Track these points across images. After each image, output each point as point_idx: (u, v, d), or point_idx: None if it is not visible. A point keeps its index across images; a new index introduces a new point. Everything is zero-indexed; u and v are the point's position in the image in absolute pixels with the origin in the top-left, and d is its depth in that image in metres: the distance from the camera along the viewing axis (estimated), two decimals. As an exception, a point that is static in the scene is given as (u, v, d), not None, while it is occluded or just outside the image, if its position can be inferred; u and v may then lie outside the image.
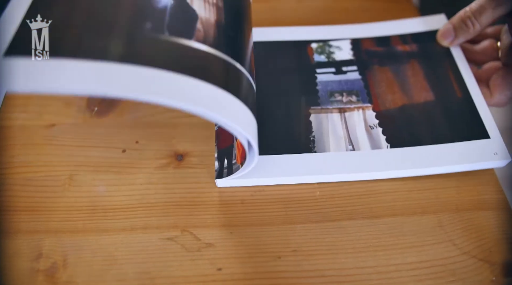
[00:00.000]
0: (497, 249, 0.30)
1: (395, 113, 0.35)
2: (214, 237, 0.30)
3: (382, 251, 0.30)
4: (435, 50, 0.39)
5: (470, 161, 0.32)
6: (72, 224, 0.30)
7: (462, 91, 0.36)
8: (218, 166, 0.32)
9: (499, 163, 0.33)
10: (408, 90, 0.37)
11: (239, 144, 0.32)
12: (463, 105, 0.35)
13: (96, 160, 0.33)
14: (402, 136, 0.34)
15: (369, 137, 0.34)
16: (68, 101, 0.36)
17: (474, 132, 0.34)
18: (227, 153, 0.33)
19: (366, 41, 0.40)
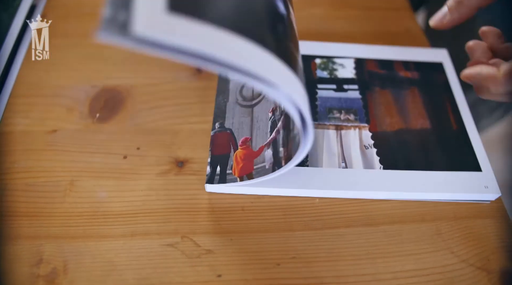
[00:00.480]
0: (495, 257, 0.30)
1: (391, 136, 0.36)
2: (214, 244, 0.30)
3: (380, 258, 0.30)
4: (435, 81, 0.40)
5: (460, 191, 0.33)
6: (73, 229, 0.30)
7: (458, 123, 0.37)
8: (210, 171, 0.33)
9: (489, 196, 0.33)
10: (406, 115, 0.37)
11: (238, 157, 0.33)
12: (457, 137, 0.36)
13: (98, 165, 0.33)
14: (396, 159, 0.34)
15: (363, 156, 0.34)
16: (70, 107, 0.37)
17: (467, 164, 0.34)
18: (221, 160, 0.33)
19: (370, 62, 0.41)
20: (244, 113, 0.36)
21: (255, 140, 0.33)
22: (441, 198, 0.33)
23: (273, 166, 0.30)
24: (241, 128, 0.35)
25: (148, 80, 0.39)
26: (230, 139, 0.34)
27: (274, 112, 0.34)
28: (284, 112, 0.33)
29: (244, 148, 0.33)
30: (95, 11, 0.44)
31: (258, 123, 0.35)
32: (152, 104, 0.37)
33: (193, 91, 0.38)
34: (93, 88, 0.38)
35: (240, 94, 0.37)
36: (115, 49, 0.41)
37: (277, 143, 0.32)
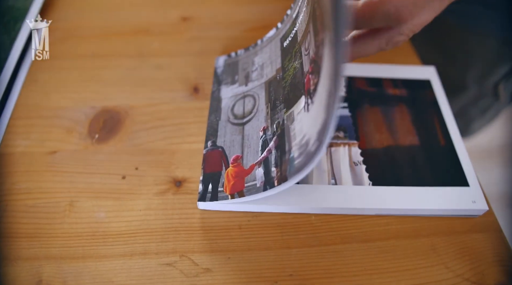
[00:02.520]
0: (490, 271, 0.31)
1: (380, 153, 0.36)
2: (212, 262, 0.30)
3: (376, 274, 0.30)
4: (424, 98, 0.41)
5: (448, 206, 0.33)
6: (72, 250, 0.30)
7: (446, 139, 0.38)
8: (202, 189, 0.33)
9: (476, 211, 0.33)
10: (395, 132, 0.38)
11: (229, 175, 0.33)
12: (445, 153, 0.37)
13: (97, 186, 0.34)
14: (385, 175, 0.35)
15: (352, 173, 0.35)
16: (70, 129, 0.37)
17: (454, 179, 0.35)
18: (213, 178, 0.33)
19: (359, 80, 0.42)
20: (235, 131, 0.36)
21: (246, 158, 0.34)
22: (429, 213, 0.33)
23: (264, 185, 0.31)
24: (232, 146, 0.35)
25: (146, 101, 0.40)
26: (222, 157, 0.35)
27: (266, 131, 0.34)
28: (276, 132, 0.33)
29: (235, 165, 0.34)
30: (93, 34, 0.45)
31: (249, 141, 0.35)
32: (150, 124, 0.38)
33: (190, 111, 0.39)
34: (92, 110, 0.39)
35: (231, 112, 0.38)
36: (113, 71, 0.42)
37: (268, 162, 0.32)
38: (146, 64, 0.43)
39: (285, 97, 0.34)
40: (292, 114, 0.32)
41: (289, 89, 0.34)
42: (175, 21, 0.47)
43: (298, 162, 0.29)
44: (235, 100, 0.38)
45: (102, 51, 0.44)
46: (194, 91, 0.41)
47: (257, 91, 0.37)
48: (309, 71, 0.31)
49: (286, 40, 0.37)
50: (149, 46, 0.45)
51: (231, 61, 0.42)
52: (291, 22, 0.37)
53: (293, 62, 0.35)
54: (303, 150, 0.29)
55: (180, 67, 0.43)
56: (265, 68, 0.38)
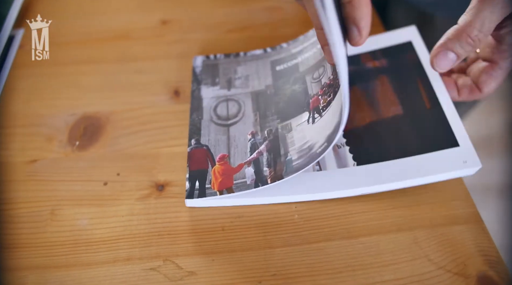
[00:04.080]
0: (472, 262, 0.31)
1: (362, 131, 0.36)
2: (196, 265, 0.30)
3: (360, 270, 0.30)
4: (405, 62, 0.39)
5: (438, 171, 0.32)
6: (55, 259, 0.30)
7: (432, 101, 0.36)
8: (189, 186, 0.33)
9: (468, 171, 0.32)
10: (376, 106, 0.37)
11: (216, 172, 0.34)
12: (432, 116, 0.36)
13: (78, 193, 0.34)
14: (369, 153, 0.34)
15: (336, 156, 0.35)
16: (50, 137, 0.37)
17: (443, 142, 0.34)
18: (199, 175, 0.34)
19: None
20: (219, 132, 0.37)
21: (233, 157, 0.35)
22: (419, 182, 0.33)
23: (256, 182, 0.33)
24: (217, 145, 0.36)
25: (127, 106, 0.40)
26: (207, 155, 0.35)
27: (255, 136, 0.36)
28: (268, 138, 0.36)
29: (222, 163, 0.35)
30: (72, 40, 0.45)
31: (235, 142, 0.36)
32: (132, 129, 0.38)
33: (172, 114, 0.39)
34: (72, 117, 0.39)
35: (214, 112, 0.38)
36: (93, 77, 0.42)
37: (259, 163, 0.34)
38: (127, 69, 0.43)
39: (278, 110, 0.38)
40: (289, 125, 0.36)
41: (284, 105, 0.38)
42: (155, 24, 0.47)
43: (297, 163, 0.33)
44: (217, 101, 0.39)
45: (82, 57, 0.44)
46: (175, 94, 0.41)
47: (242, 98, 0.39)
48: (319, 94, 0.36)
49: (280, 66, 0.41)
50: (129, 50, 0.44)
51: (210, 63, 0.42)
52: (288, 53, 0.42)
53: (291, 85, 0.39)
54: (304, 153, 0.33)
55: (160, 70, 0.43)
56: (251, 80, 0.41)
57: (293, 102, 0.37)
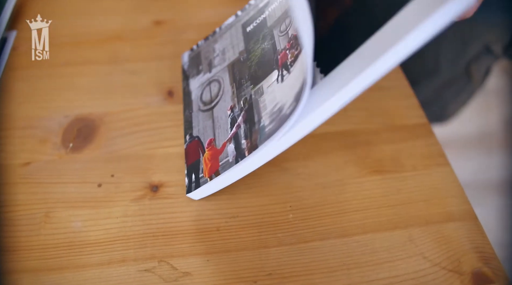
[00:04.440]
0: (466, 258, 0.31)
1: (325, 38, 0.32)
2: (191, 266, 0.30)
3: (355, 268, 0.31)
4: None
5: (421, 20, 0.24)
6: (50, 261, 0.30)
7: None
8: (187, 181, 0.34)
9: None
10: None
11: (206, 159, 0.34)
12: None
13: (72, 195, 0.34)
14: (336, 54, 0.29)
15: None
16: (43, 139, 0.37)
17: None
18: (194, 168, 0.34)
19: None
20: (206, 118, 0.36)
21: (218, 139, 0.34)
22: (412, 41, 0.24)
23: (236, 158, 0.32)
24: (205, 132, 0.36)
25: (120, 107, 0.39)
26: (199, 146, 0.35)
27: (233, 109, 0.35)
28: (244, 107, 0.34)
29: (210, 148, 0.34)
30: (64, 42, 0.45)
31: (219, 123, 0.35)
32: (126, 130, 0.38)
33: (166, 115, 0.39)
34: (65, 118, 0.38)
35: (201, 101, 0.38)
36: (86, 79, 0.42)
37: (238, 137, 0.33)
38: (120, 70, 0.43)
39: (251, 75, 0.35)
40: (261, 88, 0.33)
41: (256, 67, 0.35)
42: (147, 25, 0.47)
43: (269, 129, 0.30)
44: (202, 88, 0.39)
45: (74, 59, 0.43)
46: (168, 95, 0.41)
47: (221, 75, 0.38)
48: (287, 48, 0.33)
49: (250, 25, 0.38)
50: (122, 52, 0.44)
51: (194, 54, 0.42)
52: (256, 10, 0.38)
53: (260, 44, 0.36)
54: (275, 116, 0.30)
55: (154, 71, 0.43)
56: (227, 52, 0.39)
57: (263, 63, 0.35)
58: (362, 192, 0.35)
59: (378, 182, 0.35)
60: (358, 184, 0.35)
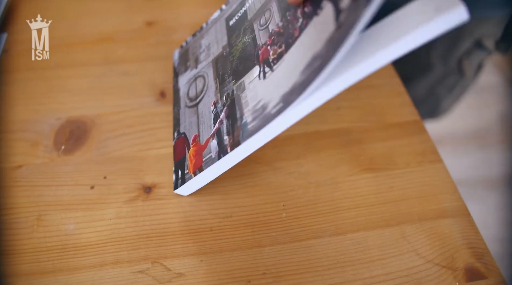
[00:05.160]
0: (459, 254, 0.32)
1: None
2: (184, 267, 0.30)
3: (349, 266, 0.31)
4: None
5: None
6: (42, 265, 0.30)
7: None
8: (175, 178, 0.34)
9: (448, 19, 0.24)
10: None
11: (191, 156, 0.34)
12: None
13: (65, 198, 0.33)
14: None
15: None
16: (35, 142, 0.37)
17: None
18: (181, 164, 0.34)
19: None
20: (191, 114, 0.36)
21: (202, 135, 0.34)
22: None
23: (218, 154, 0.31)
24: (190, 128, 0.36)
25: (112, 109, 0.39)
26: (184, 142, 0.35)
27: (216, 105, 0.34)
28: (226, 103, 0.33)
29: (194, 145, 0.34)
30: (55, 44, 0.45)
31: (203, 118, 0.35)
32: (118, 132, 0.38)
33: (158, 116, 0.39)
34: (57, 121, 0.38)
35: (187, 97, 0.38)
36: (78, 80, 0.42)
37: (221, 132, 0.32)
38: (112, 71, 0.42)
39: (233, 70, 0.34)
40: (243, 84, 0.33)
41: (237, 62, 0.34)
42: (140, 26, 0.47)
43: (252, 126, 0.29)
44: (189, 85, 0.39)
45: (66, 61, 0.43)
46: (161, 96, 0.40)
47: (206, 70, 0.38)
48: (268, 43, 0.32)
49: (233, 19, 0.38)
50: (114, 53, 0.44)
51: (183, 51, 0.42)
52: (238, 3, 0.38)
53: (241, 38, 0.35)
54: (258, 114, 0.29)
55: (146, 72, 0.42)
56: (212, 47, 0.39)
57: (244, 57, 0.34)
58: (355, 190, 0.35)
59: (371, 179, 0.35)
60: (351, 182, 0.35)
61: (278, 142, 0.37)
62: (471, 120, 1.20)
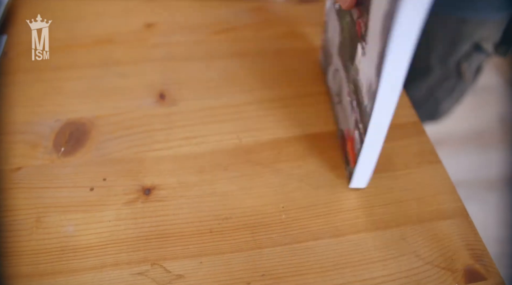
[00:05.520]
0: (458, 256, 0.32)
1: None
2: (184, 268, 0.30)
3: (349, 268, 0.31)
4: None
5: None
6: (42, 266, 0.30)
7: None
8: (347, 174, 0.35)
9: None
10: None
11: (349, 150, 0.35)
12: None
13: (64, 200, 0.33)
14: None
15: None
16: (34, 144, 0.37)
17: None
18: (346, 159, 0.36)
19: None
20: (340, 109, 0.37)
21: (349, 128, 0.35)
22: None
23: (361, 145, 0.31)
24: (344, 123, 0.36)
25: (112, 111, 0.39)
26: (343, 138, 0.37)
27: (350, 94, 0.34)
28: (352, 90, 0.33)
29: (349, 139, 0.35)
30: (55, 46, 0.45)
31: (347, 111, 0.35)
32: (117, 134, 0.38)
33: (157, 118, 0.39)
34: (57, 123, 0.38)
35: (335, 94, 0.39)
36: (77, 82, 0.42)
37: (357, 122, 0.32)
38: (111, 73, 0.43)
39: (349, 54, 0.33)
40: (356, 66, 0.31)
41: (350, 45, 0.33)
42: (139, 28, 0.47)
43: (369, 108, 0.28)
44: (332, 81, 0.40)
45: (65, 63, 0.43)
46: (160, 97, 0.40)
47: (336, 62, 0.37)
48: (358, 16, 0.30)
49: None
50: (113, 55, 0.44)
51: (323, 49, 0.43)
52: None
53: (346, 18, 0.33)
54: (370, 95, 0.28)
55: (145, 74, 0.42)
56: (334, 38, 0.38)
57: (351, 38, 0.32)
58: (354, 191, 0.35)
59: (370, 181, 0.35)
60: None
61: (278, 143, 0.37)
62: (470, 122, 1.20)
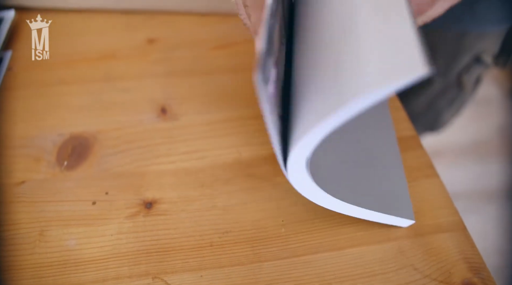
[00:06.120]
0: (456, 269, 0.32)
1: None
2: (184, 282, 0.30)
3: (348, 281, 0.31)
4: None
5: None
6: (43, 280, 0.30)
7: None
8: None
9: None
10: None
11: None
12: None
13: (66, 214, 0.34)
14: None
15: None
16: (37, 158, 0.37)
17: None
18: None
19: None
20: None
21: None
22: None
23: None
24: None
25: (114, 125, 0.40)
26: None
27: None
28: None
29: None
30: (58, 61, 0.45)
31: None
32: (119, 148, 0.38)
33: (158, 132, 0.39)
34: (59, 137, 0.39)
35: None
36: (80, 97, 0.42)
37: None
38: (113, 88, 0.43)
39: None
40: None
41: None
42: (141, 43, 0.48)
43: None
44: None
45: (68, 78, 0.44)
46: (161, 112, 0.41)
47: None
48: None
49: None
50: (115, 70, 0.45)
51: None
52: None
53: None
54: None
55: (147, 89, 0.43)
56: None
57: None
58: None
59: (368, 194, 0.36)
60: (349, 197, 0.36)
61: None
62: (470, 132, 1.21)
